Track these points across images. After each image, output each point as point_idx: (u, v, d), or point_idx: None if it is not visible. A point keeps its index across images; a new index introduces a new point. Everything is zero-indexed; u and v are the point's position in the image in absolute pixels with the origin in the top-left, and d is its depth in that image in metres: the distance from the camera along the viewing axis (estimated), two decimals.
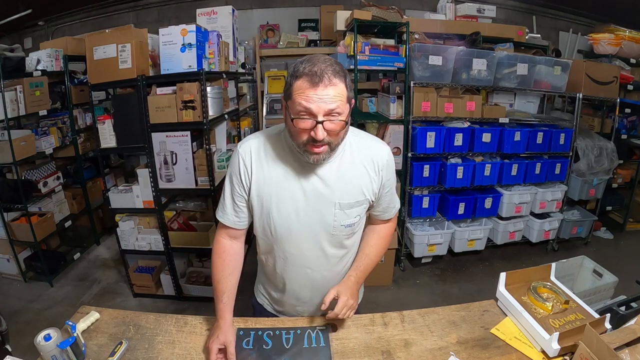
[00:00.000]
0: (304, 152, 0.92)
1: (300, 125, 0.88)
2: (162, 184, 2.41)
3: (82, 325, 1.06)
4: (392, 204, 1.14)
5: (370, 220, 1.19)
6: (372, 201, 1.07)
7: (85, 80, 2.94)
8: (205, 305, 2.62)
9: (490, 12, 3.38)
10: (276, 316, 1.20)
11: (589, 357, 0.82)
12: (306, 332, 1.07)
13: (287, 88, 0.91)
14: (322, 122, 0.86)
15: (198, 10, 2.89)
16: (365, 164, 1.03)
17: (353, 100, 0.95)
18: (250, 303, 1.31)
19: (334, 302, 1.00)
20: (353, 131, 1.05)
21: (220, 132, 2.76)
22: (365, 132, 1.10)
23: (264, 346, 1.03)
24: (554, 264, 1.23)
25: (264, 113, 3.93)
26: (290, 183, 0.99)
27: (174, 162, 2.36)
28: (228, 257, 1.10)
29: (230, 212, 1.07)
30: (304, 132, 0.89)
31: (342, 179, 1.00)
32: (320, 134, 0.87)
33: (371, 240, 1.16)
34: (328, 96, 0.85)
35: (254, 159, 1.01)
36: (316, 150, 0.90)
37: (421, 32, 3.04)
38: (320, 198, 0.99)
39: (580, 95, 3.00)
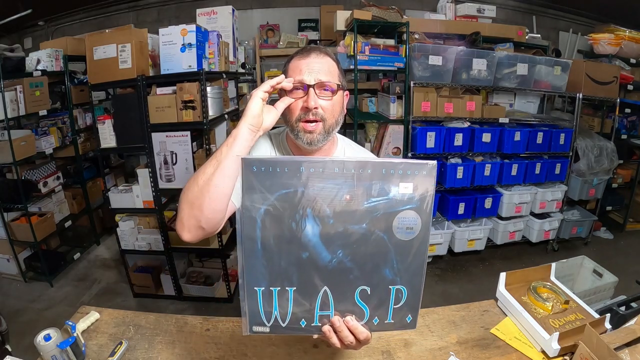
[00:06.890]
0: (298, 133, 0.90)
1: (294, 94, 0.87)
2: (162, 184, 2.41)
3: (82, 325, 1.06)
4: None
5: None
6: None
7: (85, 80, 2.94)
8: (205, 305, 2.62)
9: (490, 12, 3.38)
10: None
11: (589, 357, 0.82)
12: None
13: (283, 73, 0.92)
14: (313, 87, 0.85)
15: (198, 10, 2.88)
16: None
17: (347, 92, 0.96)
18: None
19: None
20: (349, 143, 1.07)
21: (221, 132, 2.75)
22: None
23: None
24: (554, 264, 1.22)
25: None
26: None
27: (174, 162, 2.36)
28: None
29: None
30: (296, 106, 0.88)
31: None
32: (312, 101, 0.85)
33: None
34: (319, 64, 0.87)
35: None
36: (309, 127, 0.88)
37: (421, 32, 3.04)
38: None
39: (580, 95, 3.00)
